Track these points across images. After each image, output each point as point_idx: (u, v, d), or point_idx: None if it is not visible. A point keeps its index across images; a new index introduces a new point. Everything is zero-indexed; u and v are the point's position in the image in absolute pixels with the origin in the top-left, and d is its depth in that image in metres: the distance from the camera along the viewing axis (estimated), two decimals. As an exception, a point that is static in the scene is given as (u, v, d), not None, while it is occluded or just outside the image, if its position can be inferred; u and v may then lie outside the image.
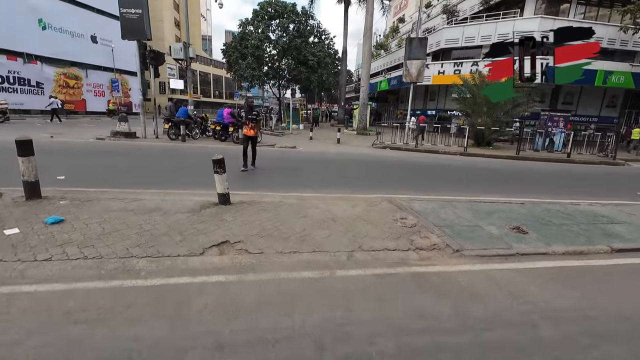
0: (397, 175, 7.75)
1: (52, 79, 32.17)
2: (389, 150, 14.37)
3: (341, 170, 7.96)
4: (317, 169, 7.90)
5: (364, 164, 9.35)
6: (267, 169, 7.54)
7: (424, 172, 8.48)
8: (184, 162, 8.08)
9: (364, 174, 7.54)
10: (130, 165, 7.48)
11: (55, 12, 30.62)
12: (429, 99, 26.69)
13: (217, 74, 63.06)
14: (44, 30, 30.78)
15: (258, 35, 23.66)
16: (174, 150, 9.91)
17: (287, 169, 7.71)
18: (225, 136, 13.19)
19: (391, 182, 6.87)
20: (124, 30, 11.49)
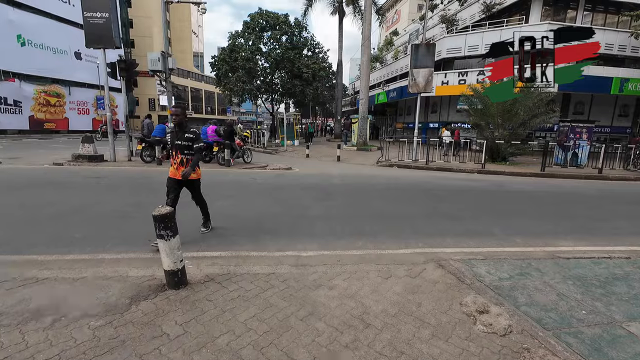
0: (422, 207, 6.03)
1: (31, 97, 30.39)
2: (396, 168, 12.70)
3: (351, 202, 6.21)
4: (320, 201, 6.14)
5: (376, 190, 7.62)
6: (253, 205, 5.74)
7: (451, 200, 6.77)
8: (146, 197, 6.27)
9: (382, 208, 5.80)
10: (65, 205, 5.54)
11: (36, 28, 29.12)
12: (430, 111, 25.36)
13: (209, 90, 61.89)
14: (23, 46, 29.19)
15: (249, 47, 22.32)
16: (142, 178, 8.09)
17: (279, 203, 5.93)
18: (209, 157, 11.44)
19: (420, 220, 5.13)
20: (89, 38, 9.84)
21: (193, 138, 3.87)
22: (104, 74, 10.21)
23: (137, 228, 4.30)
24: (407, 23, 43.77)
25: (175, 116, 3.81)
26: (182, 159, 3.90)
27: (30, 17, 28.68)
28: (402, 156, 13.66)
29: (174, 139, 3.85)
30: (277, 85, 25.08)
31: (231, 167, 10.45)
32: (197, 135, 3.93)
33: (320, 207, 5.60)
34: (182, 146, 3.84)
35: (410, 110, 28.76)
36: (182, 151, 3.87)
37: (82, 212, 4.98)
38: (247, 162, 11.84)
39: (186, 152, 3.90)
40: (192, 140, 3.87)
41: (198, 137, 3.93)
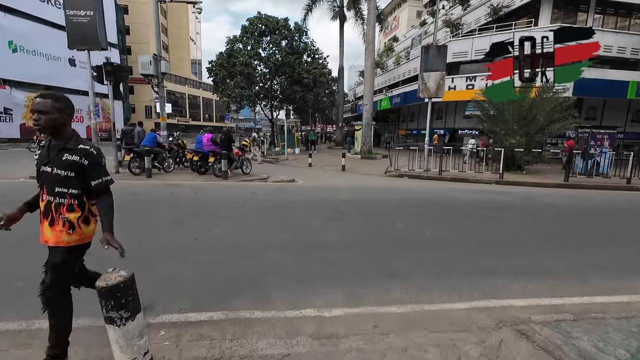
0: (453, 230, 5.06)
1: (22, 105, 29.44)
2: (407, 179, 11.77)
3: (367, 224, 5.24)
4: (331, 223, 5.17)
5: (393, 207, 6.65)
6: (255, 230, 4.76)
7: (483, 219, 5.83)
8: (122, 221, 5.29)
9: (405, 232, 4.84)
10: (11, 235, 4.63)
11: (28, 34, 28.29)
12: (435, 117, 24.54)
13: (206, 97, 61.21)
14: (15, 52, 28.35)
15: (247, 52, 21.53)
16: (126, 195, 7.09)
17: (285, 226, 4.95)
18: (205, 167, 10.48)
19: (458, 249, 4.17)
20: (72, 38, 8.94)
21: (84, 164, 1.81)
22: (89, 77, 9.28)
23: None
24: (406, 29, 43.39)
25: (40, 116, 1.73)
26: (48, 204, 1.82)
27: (22, 22, 27.91)
28: (412, 165, 12.74)
29: (40, 162, 1.84)
30: (276, 92, 24.27)
31: (229, 180, 9.49)
32: (93, 157, 1.85)
33: (334, 231, 4.62)
34: (54, 178, 1.78)
35: (413, 117, 28.00)
36: (53, 188, 1.80)
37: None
38: (246, 173, 10.88)
39: (63, 190, 1.80)
40: (78, 168, 1.80)
41: (96, 162, 1.87)
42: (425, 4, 40.94)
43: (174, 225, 4.70)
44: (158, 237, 4.23)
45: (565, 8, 18.99)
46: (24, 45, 28.58)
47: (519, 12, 20.42)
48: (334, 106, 49.21)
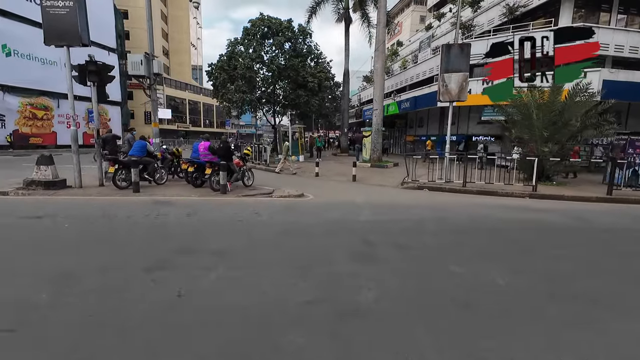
0: (526, 273, 3.76)
1: (16, 110, 28.41)
2: (427, 192, 10.51)
3: (410, 265, 3.97)
4: (362, 264, 3.91)
5: (431, 234, 5.39)
6: (258, 277, 3.49)
7: (552, 257, 4.57)
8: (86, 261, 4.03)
9: (465, 278, 3.57)
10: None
11: (23, 38, 27.27)
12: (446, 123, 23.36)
13: (207, 103, 60.32)
14: (8, 56, 27.36)
15: (249, 55, 20.45)
16: (99, 217, 5.85)
17: (301, 269, 3.68)
18: (201, 179, 9.25)
19: (559, 312, 2.90)
20: (48, 33, 7.77)
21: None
22: (69, 78, 8.10)
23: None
24: (410, 34, 42.55)
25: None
26: None
27: (17, 26, 26.95)
28: (432, 175, 11.48)
29: None
30: (279, 96, 23.15)
31: (227, 194, 8.24)
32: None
33: (368, 282, 3.34)
34: None
35: (422, 122, 26.83)
36: None
37: None
38: (247, 185, 9.63)
39: None
40: None
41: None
42: (430, 9, 40.14)
43: (152, 269, 3.44)
44: (126, 291, 2.97)
45: (587, 7, 17.90)
46: (18, 49, 27.61)
47: (535, 12, 19.34)
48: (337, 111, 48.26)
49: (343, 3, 25.46)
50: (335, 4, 26.19)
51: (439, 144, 24.18)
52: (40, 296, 2.81)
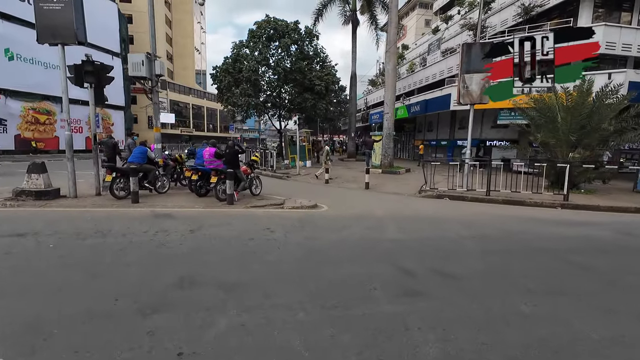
0: (621, 320, 3.07)
1: (18, 115, 28.05)
2: (448, 201, 9.76)
3: (463, 300, 3.24)
4: (404, 298, 3.19)
5: (476, 256, 4.65)
6: (278, 348, 2.76)
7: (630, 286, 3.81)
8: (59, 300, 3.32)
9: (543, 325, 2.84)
10: None
11: (26, 42, 26.83)
12: (458, 127, 22.62)
13: (211, 107, 60.01)
14: (11, 60, 27.07)
15: (255, 57, 19.87)
16: (89, 236, 5.15)
17: (329, 317, 2.96)
18: (206, 188, 8.55)
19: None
20: (42, 31, 7.16)
21: None
22: (63, 78, 7.47)
23: None
24: (415, 38, 42.01)
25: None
26: None
27: (20, 30, 26.62)
28: (451, 183, 10.70)
29: None
30: (284, 100, 22.52)
31: (235, 205, 7.53)
32: None
33: (424, 326, 2.60)
34: None
35: (431, 126, 26.09)
36: None
37: None
38: (255, 194, 8.93)
39: None
40: None
41: None
42: (436, 12, 39.62)
43: (148, 313, 2.72)
44: (115, 350, 2.25)
45: (607, 7, 17.16)
46: (21, 53, 27.33)
47: (551, 12, 18.63)
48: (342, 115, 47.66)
49: (350, 5, 24.93)
50: (342, 6, 25.66)
51: (450, 149, 23.43)
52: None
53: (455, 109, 19.00)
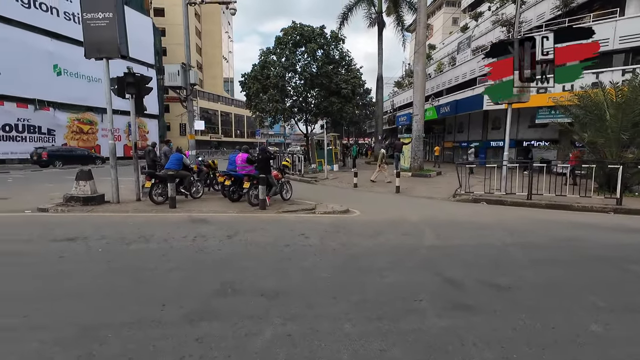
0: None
1: (65, 125, 30.24)
2: (485, 205, 9.29)
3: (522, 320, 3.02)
4: (457, 316, 3.01)
5: (527, 267, 4.35)
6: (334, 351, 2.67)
7: None
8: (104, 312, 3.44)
9: None
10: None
11: (72, 58, 28.99)
12: (491, 127, 21.68)
13: (238, 114, 61.73)
14: (59, 75, 29.29)
15: (282, 64, 20.18)
16: (132, 241, 5.35)
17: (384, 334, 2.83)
18: (238, 193, 8.71)
19: None
20: (89, 47, 7.63)
21: None
22: (107, 91, 7.91)
23: None
24: (442, 37, 40.93)
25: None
26: None
27: (67, 47, 28.78)
28: (488, 186, 10.19)
29: None
30: (310, 104, 22.66)
31: (267, 210, 7.59)
32: None
33: (481, 342, 2.42)
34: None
35: (462, 127, 25.20)
36: None
37: None
38: (286, 199, 8.97)
39: None
40: None
41: None
42: (465, 9, 38.43)
43: (195, 320, 2.75)
44: (166, 356, 2.28)
45: (659, -6, 15.81)
46: (67, 68, 29.49)
47: (593, 3, 17.46)
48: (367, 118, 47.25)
49: (376, 7, 24.74)
50: (367, 9, 25.52)
51: (483, 150, 22.49)
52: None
53: (489, 108, 18.21)
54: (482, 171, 11.45)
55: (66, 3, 28.87)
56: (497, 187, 10.28)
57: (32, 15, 26.60)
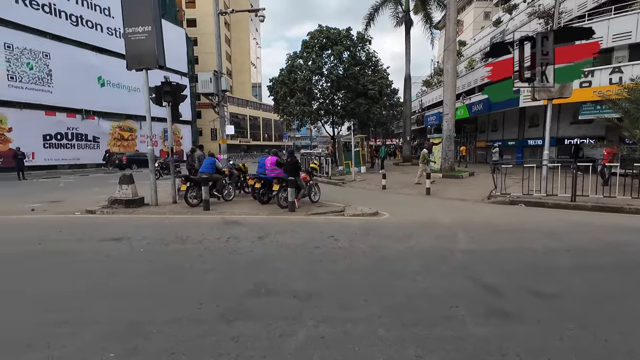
0: None
1: (107, 133, 32.41)
2: (523, 207, 8.81)
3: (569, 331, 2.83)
4: (497, 324, 2.88)
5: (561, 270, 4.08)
6: None
7: None
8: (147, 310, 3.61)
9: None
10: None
11: (113, 70, 31.09)
12: (528, 125, 20.52)
13: (266, 118, 63.07)
14: (103, 87, 31.48)
15: (308, 67, 20.38)
16: (170, 241, 5.62)
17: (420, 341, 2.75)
18: (268, 196, 8.89)
19: None
20: (130, 59, 8.16)
21: None
22: (146, 100, 8.40)
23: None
24: (472, 33, 39.39)
25: None
26: None
27: (110, 60, 30.89)
28: (527, 187, 9.64)
29: None
30: (337, 107, 22.67)
31: (296, 212, 7.69)
32: None
33: (525, 354, 2.30)
34: None
35: (496, 126, 24.09)
36: None
37: None
38: (314, 201, 9.03)
39: None
40: None
41: None
42: (497, 2, 36.79)
43: (231, 320, 2.84)
44: (205, 355, 2.38)
45: None
46: (110, 80, 31.64)
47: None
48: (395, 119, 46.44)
49: (403, 6, 24.36)
50: (394, 8, 25.19)
51: (519, 150, 21.35)
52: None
53: (526, 105, 17.27)
54: (519, 171, 10.87)
55: (109, 19, 31.08)
56: (536, 188, 9.71)
57: (80, 32, 28.89)
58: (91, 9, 29.87)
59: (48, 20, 26.43)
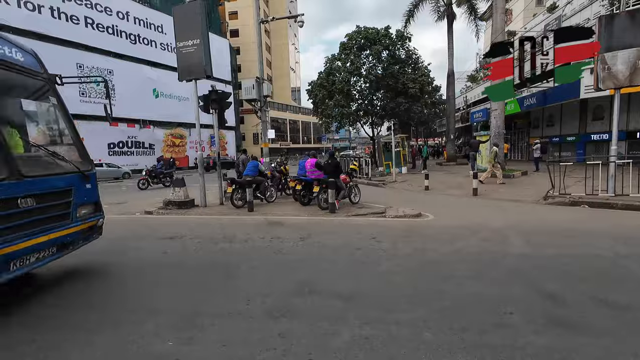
0: None
1: (161, 140, 35.12)
2: (586, 208, 7.98)
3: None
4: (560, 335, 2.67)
5: (633, 279, 3.63)
6: None
7: None
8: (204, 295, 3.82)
9: None
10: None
11: (166, 81, 33.61)
12: (591, 118, 18.53)
13: (305, 121, 64.14)
14: (157, 98, 34.22)
15: (347, 69, 20.39)
16: (219, 240, 5.94)
17: (471, 348, 2.62)
18: (309, 197, 9.03)
19: None
20: (181, 71, 8.80)
21: None
22: (196, 108, 8.99)
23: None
24: (524, 22, 36.53)
25: None
26: None
27: (163, 73, 33.53)
28: (591, 187, 8.72)
29: None
30: (376, 107, 22.36)
31: (337, 214, 7.72)
32: None
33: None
34: None
35: (552, 120, 22.10)
36: None
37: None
38: (354, 202, 8.99)
39: None
40: None
41: None
42: (552, -14, 33.80)
43: (276, 317, 2.94)
44: (252, 347, 2.50)
45: None
46: (163, 91, 34.32)
47: None
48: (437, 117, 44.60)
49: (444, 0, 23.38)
50: (435, 2, 24.25)
51: (581, 146, 19.37)
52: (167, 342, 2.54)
53: (588, 96, 15.60)
54: (580, 170, 9.87)
55: (161, 35, 33.79)
56: (602, 187, 8.74)
57: (138, 49, 31.82)
58: (147, 27, 32.73)
59: (111, 40, 29.51)
